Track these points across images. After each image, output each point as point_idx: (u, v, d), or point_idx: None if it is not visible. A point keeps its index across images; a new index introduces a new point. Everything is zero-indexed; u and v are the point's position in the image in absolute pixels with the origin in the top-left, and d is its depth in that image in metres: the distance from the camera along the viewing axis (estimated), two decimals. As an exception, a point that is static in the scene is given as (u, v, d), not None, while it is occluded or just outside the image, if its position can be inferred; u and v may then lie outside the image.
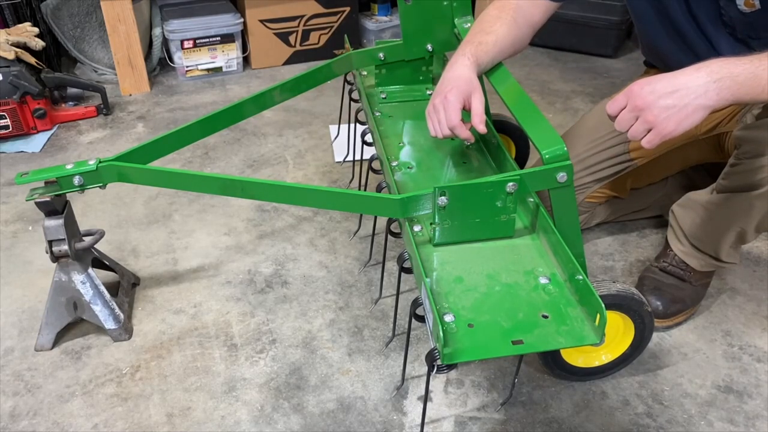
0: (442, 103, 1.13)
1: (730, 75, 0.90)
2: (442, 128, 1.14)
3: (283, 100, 1.44)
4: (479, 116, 1.11)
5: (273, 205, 1.70)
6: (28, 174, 1.14)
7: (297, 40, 2.56)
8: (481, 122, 1.11)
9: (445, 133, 1.14)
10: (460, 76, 1.14)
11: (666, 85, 0.92)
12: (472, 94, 1.13)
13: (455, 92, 1.12)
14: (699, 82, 0.91)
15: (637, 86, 0.95)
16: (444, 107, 1.13)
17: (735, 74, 0.90)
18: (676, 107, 0.92)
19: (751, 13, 1.07)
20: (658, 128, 0.93)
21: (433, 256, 1.05)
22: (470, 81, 1.14)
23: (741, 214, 1.20)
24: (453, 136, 1.14)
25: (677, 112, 0.92)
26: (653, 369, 1.25)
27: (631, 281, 1.45)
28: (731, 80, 0.90)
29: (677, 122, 0.92)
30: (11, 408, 1.16)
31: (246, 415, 1.15)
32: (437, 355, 0.87)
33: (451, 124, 1.12)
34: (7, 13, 2.21)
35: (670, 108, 0.92)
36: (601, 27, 2.58)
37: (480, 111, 1.12)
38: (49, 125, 2.07)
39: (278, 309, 1.38)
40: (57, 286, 1.23)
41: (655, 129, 0.94)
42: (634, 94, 0.95)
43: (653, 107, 0.93)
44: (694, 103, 0.91)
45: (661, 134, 0.94)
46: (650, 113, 0.93)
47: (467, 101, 1.13)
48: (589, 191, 1.44)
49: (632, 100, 0.95)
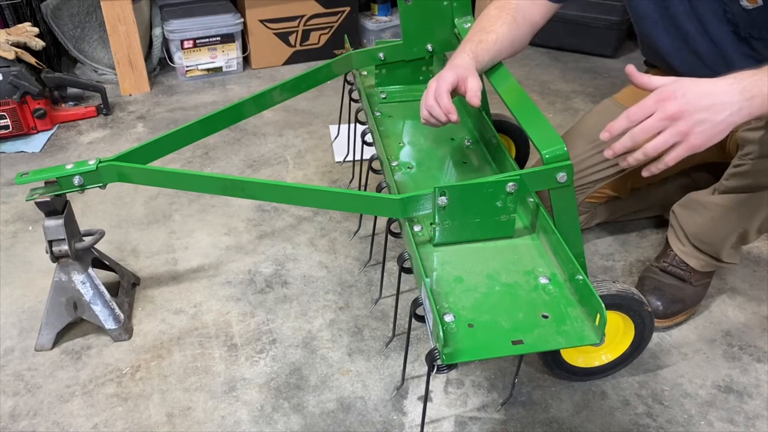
0: (436, 80, 1.12)
1: (761, 93, 0.87)
2: (427, 99, 1.11)
3: (283, 100, 1.44)
4: (473, 91, 1.09)
5: (273, 205, 1.70)
6: (28, 174, 1.14)
7: (297, 40, 2.56)
8: (476, 96, 1.09)
9: (429, 104, 1.11)
10: (459, 63, 1.14)
11: (701, 97, 0.87)
12: (468, 77, 1.11)
13: (450, 71, 1.11)
14: (733, 99, 0.87)
15: (669, 92, 0.89)
16: (437, 82, 1.12)
17: (765, 91, 0.87)
18: (710, 122, 0.87)
19: (754, 10, 1.07)
20: (689, 142, 0.88)
21: (433, 256, 1.05)
22: (468, 68, 1.13)
23: (743, 215, 1.20)
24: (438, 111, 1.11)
25: (711, 127, 0.88)
26: (653, 369, 1.25)
27: (631, 281, 1.45)
28: (761, 98, 0.87)
29: (709, 138, 0.88)
30: (11, 408, 1.16)
31: (246, 415, 1.15)
32: (437, 355, 0.86)
33: (438, 93, 1.10)
34: (7, 13, 2.21)
35: (704, 122, 0.87)
36: (601, 27, 2.58)
37: (475, 88, 1.10)
38: (49, 125, 2.07)
39: (278, 309, 1.38)
40: (57, 286, 1.23)
41: (685, 142, 0.89)
42: (667, 102, 0.88)
43: (688, 119, 0.87)
44: (727, 121, 0.88)
45: (691, 148, 0.89)
46: (684, 124, 0.87)
47: (462, 83, 1.12)
48: (589, 191, 1.44)
49: (664, 109, 0.88)
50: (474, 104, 1.10)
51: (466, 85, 1.11)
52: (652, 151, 0.91)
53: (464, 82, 1.12)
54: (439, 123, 1.14)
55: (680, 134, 0.88)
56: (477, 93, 1.10)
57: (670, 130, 0.89)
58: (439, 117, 1.12)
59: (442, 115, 1.11)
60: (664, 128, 0.89)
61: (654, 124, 0.89)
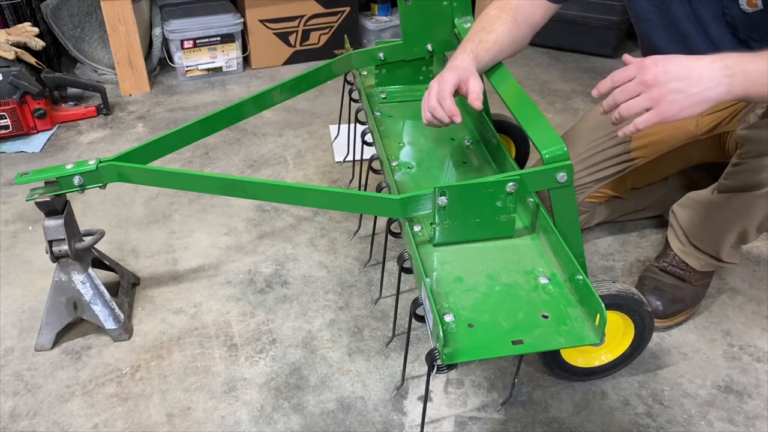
0: (437, 81, 1.12)
1: (743, 71, 0.89)
2: (429, 101, 1.12)
3: (283, 100, 1.44)
4: (475, 94, 1.10)
5: (273, 205, 1.70)
6: (28, 174, 1.14)
7: (297, 40, 2.56)
8: (478, 99, 1.10)
9: (431, 106, 1.12)
10: (459, 64, 1.14)
11: (680, 68, 0.91)
12: (470, 78, 1.12)
13: (452, 72, 1.11)
14: (713, 74, 0.90)
15: (651, 61, 0.93)
16: (438, 83, 1.12)
17: (749, 71, 0.89)
18: (684, 93, 0.91)
19: (754, 13, 1.07)
20: (660, 109, 0.92)
21: (433, 256, 1.05)
22: (469, 68, 1.13)
23: (743, 214, 1.20)
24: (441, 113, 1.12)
25: (684, 98, 0.91)
26: (653, 369, 1.25)
27: (631, 281, 1.45)
28: (744, 77, 0.89)
29: (680, 108, 0.91)
30: (11, 408, 1.16)
31: (246, 415, 1.15)
32: (437, 355, 0.86)
33: (441, 95, 1.10)
34: (7, 13, 2.21)
35: (677, 92, 0.91)
36: (601, 27, 2.58)
37: (477, 90, 1.10)
38: (49, 125, 2.07)
39: (278, 309, 1.38)
40: (57, 286, 1.23)
41: (656, 109, 0.92)
42: (646, 69, 0.92)
43: (662, 87, 0.91)
44: (702, 94, 0.90)
45: (661, 115, 0.92)
46: (657, 91, 0.91)
47: (464, 84, 1.12)
48: (589, 191, 1.44)
49: (642, 74, 0.92)
50: (476, 107, 1.10)
51: (467, 86, 1.12)
52: (625, 112, 0.95)
53: (466, 83, 1.12)
54: (442, 124, 1.14)
55: (652, 100, 0.92)
56: (479, 96, 1.10)
57: (644, 95, 0.93)
58: (442, 119, 1.12)
59: (446, 117, 1.12)
60: (640, 93, 0.93)
61: (631, 88, 0.94)
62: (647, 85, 0.92)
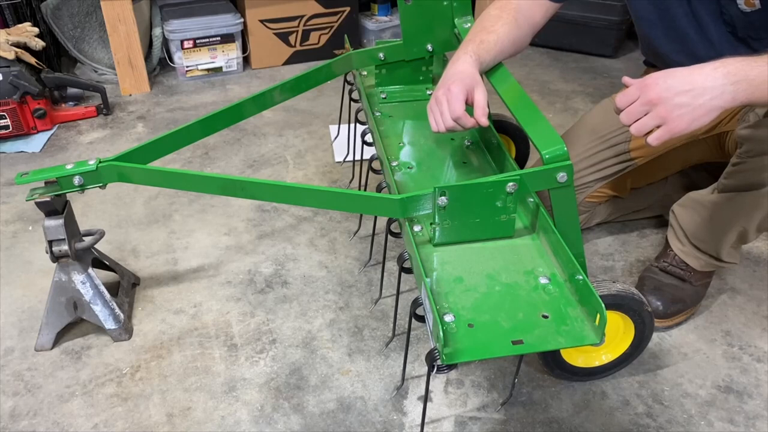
0: (445, 95, 1.12)
1: (746, 78, 0.89)
2: (444, 120, 1.12)
3: (283, 100, 1.44)
4: (482, 108, 1.10)
5: (273, 205, 1.70)
6: (28, 174, 1.14)
7: (297, 40, 2.56)
8: (484, 115, 1.10)
9: (448, 125, 1.12)
10: (463, 71, 1.14)
11: (682, 82, 0.91)
12: (475, 88, 1.12)
13: (459, 84, 1.11)
14: (716, 83, 0.90)
15: (652, 80, 0.93)
16: (447, 99, 1.11)
17: (751, 77, 0.89)
18: (691, 106, 0.91)
19: (752, 13, 1.08)
20: (669, 125, 0.92)
21: (433, 256, 1.05)
22: (473, 75, 1.13)
23: (743, 214, 1.20)
24: (455, 128, 1.12)
25: (691, 111, 0.91)
26: (653, 369, 1.25)
27: (631, 281, 1.45)
28: (747, 83, 0.89)
29: (690, 121, 0.91)
30: (11, 408, 1.16)
31: (246, 415, 1.15)
32: (437, 355, 0.86)
33: (455, 115, 1.10)
34: (7, 13, 2.21)
35: (684, 106, 0.91)
36: (601, 27, 2.58)
37: (483, 104, 1.11)
38: (49, 125, 2.07)
39: (278, 309, 1.38)
40: (57, 286, 1.23)
41: (666, 126, 0.92)
42: (649, 88, 0.93)
43: (667, 103, 0.91)
44: (708, 104, 0.90)
45: (671, 131, 0.92)
46: (663, 108, 0.91)
47: (470, 94, 1.12)
48: (589, 191, 1.44)
49: (646, 94, 0.93)
50: (483, 124, 1.11)
51: (473, 96, 1.12)
52: (635, 132, 0.96)
53: (471, 93, 1.12)
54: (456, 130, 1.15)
55: (660, 117, 0.92)
56: (485, 111, 1.10)
57: (651, 113, 0.93)
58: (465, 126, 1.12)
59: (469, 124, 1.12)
60: (647, 112, 0.93)
61: (637, 109, 0.95)
62: (652, 104, 0.92)
